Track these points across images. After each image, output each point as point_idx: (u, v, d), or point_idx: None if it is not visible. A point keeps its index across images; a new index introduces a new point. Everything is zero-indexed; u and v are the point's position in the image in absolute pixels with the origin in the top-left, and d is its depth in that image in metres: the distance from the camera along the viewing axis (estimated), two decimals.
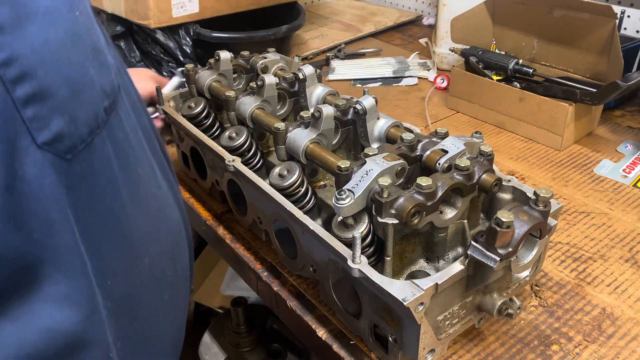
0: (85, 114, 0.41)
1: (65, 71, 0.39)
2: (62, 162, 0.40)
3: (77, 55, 0.40)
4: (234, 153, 0.83)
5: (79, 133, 0.41)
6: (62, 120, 0.39)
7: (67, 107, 0.39)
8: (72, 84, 0.40)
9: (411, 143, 0.71)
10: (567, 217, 0.90)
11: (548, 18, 1.14)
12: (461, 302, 0.63)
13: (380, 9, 1.97)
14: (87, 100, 0.41)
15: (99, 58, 0.44)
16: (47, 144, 0.38)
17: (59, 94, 0.39)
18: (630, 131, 1.14)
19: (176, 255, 0.58)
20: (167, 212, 0.57)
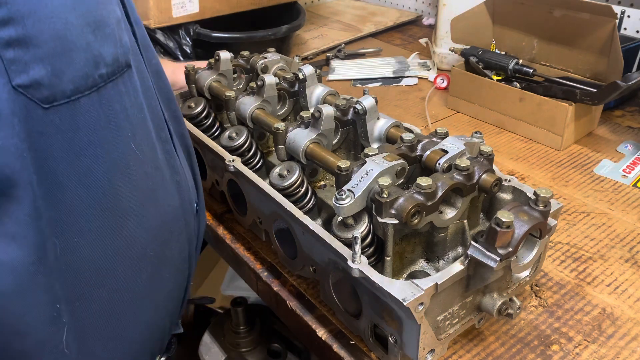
0: (73, 72, 0.43)
1: (58, 27, 0.41)
2: (37, 108, 0.42)
3: (76, 18, 0.42)
4: (234, 153, 0.83)
5: (61, 87, 0.43)
6: (43, 70, 0.41)
7: (52, 60, 0.41)
8: (63, 41, 0.42)
9: (411, 143, 0.71)
10: (567, 217, 0.90)
11: (548, 18, 1.14)
12: (461, 302, 0.63)
13: (380, 9, 1.97)
14: (78, 60, 0.43)
15: (104, 30, 0.46)
16: (22, 87, 0.40)
17: (46, 46, 0.41)
18: (630, 131, 1.14)
19: (165, 239, 0.59)
20: (160, 194, 0.58)
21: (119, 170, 0.50)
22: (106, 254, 0.51)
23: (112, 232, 0.51)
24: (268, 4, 1.47)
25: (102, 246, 0.50)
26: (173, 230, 0.61)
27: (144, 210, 0.55)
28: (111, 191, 0.50)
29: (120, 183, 0.51)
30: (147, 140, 0.55)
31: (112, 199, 0.50)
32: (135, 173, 0.52)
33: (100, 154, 0.48)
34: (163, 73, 0.64)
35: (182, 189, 0.64)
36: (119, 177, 0.50)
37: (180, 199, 0.63)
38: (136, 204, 0.53)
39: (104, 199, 0.49)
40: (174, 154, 0.63)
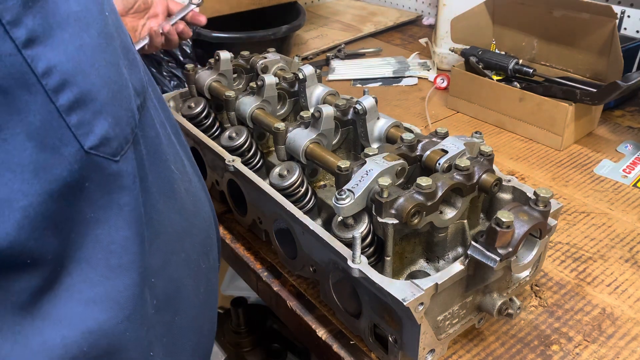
0: (126, 113, 0.41)
1: (103, 73, 0.39)
2: (111, 164, 0.40)
3: (111, 55, 0.40)
4: (234, 153, 0.83)
5: (124, 133, 0.41)
6: (106, 123, 0.39)
7: (109, 109, 0.39)
8: (111, 84, 0.40)
9: (411, 143, 0.71)
10: (567, 217, 0.90)
11: (548, 18, 1.14)
12: (461, 302, 0.63)
13: (380, 9, 1.97)
14: (125, 99, 0.41)
15: (129, 57, 0.44)
16: (94, 148, 0.38)
17: (100, 97, 0.38)
18: (630, 131, 1.14)
19: (208, 247, 0.59)
20: (199, 206, 0.57)
21: (169, 197, 0.49)
22: (174, 284, 0.50)
23: (173, 259, 0.50)
24: (268, 4, 1.47)
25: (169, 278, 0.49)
26: (211, 235, 0.61)
27: (193, 227, 0.54)
28: (163, 221, 0.48)
29: (170, 210, 0.49)
30: (176, 156, 0.54)
31: (167, 228, 0.49)
32: (179, 194, 0.51)
33: (155, 188, 0.46)
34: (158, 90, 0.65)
35: (206, 192, 0.63)
36: (170, 204, 0.49)
37: (209, 203, 0.62)
38: (186, 224, 0.52)
39: (161, 231, 0.48)
40: (192, 156, 0.63)
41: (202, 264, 0.56)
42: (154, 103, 0.50)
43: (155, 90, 0.54)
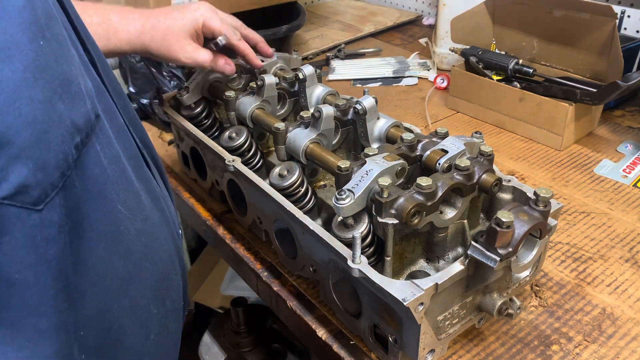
0: (54, 156, 0.36)
1: (26, 112, 0.34)
2: (32, 214, 0.35)
3: (40, 91, 0.35)
4: (234, 153, 0.83)
5: (49, 179, 0.36)
6: (25, 169, 0.34)
7: (31, 153, 0.34)
8: (35, 124, 0.35)
9: (411, 143, 0.71)
10: (567, 217, 0.90)
11: (548, 18, 1.14)
12: (461, 302, 0.63)
13: (380, 9, 1.97)
14: (55, 140, 0.36)
15: (71, 89, 0.39)
16: (8, 198, 0.34)
17: (19, 140, 0.34)
18: (630, 131, 1.14)
19: (165, 289, 0.54)
20: (154, 246, 0.52)
21: (111, 241, 0.45)
22: (113, 334, 0.47)
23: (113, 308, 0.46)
24: (268, 4, 1.47)
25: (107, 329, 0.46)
26: (170, 276, 0.56)
27: (142, 270, 0.50)
28: (102, 267, 0.44)
29: (114, 254, 0.45)
30: (130, 193, 0.48)
31: (106, 275, 0.45)
32: (126, 236, 0.47)
33: (93, 233, 0.42)
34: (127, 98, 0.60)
35: (169, 222, 0.58)
36: (113, 248, 0.45)
37: (171, 237, 0.57)
38: (132, 268, 0.48)
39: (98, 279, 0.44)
40: (154, 184, 0.57)
41: (153, 310, 0.52)
42: (108, 135, 0.45)
43: (113, 118, 0.49)
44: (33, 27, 0.35)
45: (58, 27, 0.39)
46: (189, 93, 0.93)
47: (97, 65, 0.51)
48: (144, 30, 0.82)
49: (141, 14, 0.84)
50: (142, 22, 0.83)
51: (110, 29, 0.81)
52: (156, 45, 0.83)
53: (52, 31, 0.38)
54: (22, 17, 0.34)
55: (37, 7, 0.36)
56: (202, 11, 0.86)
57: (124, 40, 0.82)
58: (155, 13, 0.85)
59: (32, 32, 0.35)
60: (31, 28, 0.35)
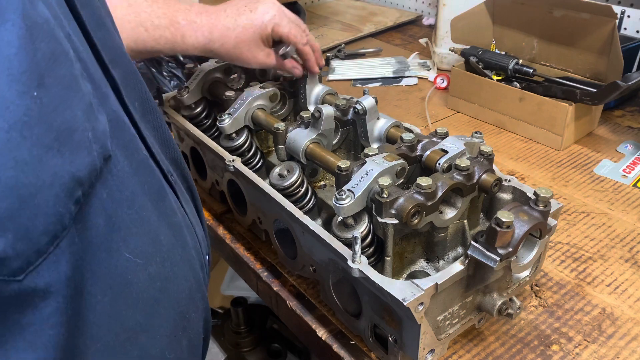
0: (43, 220, 0.32)
1: (8, 176, 0.30)
2: (10, 284, 0.32)
3: (28, 150, 0.31)
4: (234, 153, 0.83)
5: (35, 247, 0.32)
6: (2, 241, 0.30)
7: (11, 224, 0.31)
8: (19, 189, 0.31)
9: (411, 143, 0.71)
10: (567, 217, 0.90)
11: (548, 18, 1.14)
12: (461, 302, 0.63)
13: (380, 9, 1.97)
14: (45, 203, 0.32)
15: (73, 139, 0.34)
16: None
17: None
18: (630, 131, 1.14)
19: (181, 331, 0.50)
20: (171, 288, 0.48)
21: (117, 293, 0.41)
22: None
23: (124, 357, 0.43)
24: None
25: None
26: (189, 315, 0.52)
27: (154, 318, 0.46)
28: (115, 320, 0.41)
29: (121, 305, 0.41)
30: (145, 236, 0.44)
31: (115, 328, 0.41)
32: (137, 285, 0.43)
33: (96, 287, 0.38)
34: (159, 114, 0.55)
35: (193, 255, 0.54)
36: (119, 300, 0.41)
37: (192, 272, 0.53)
38: (144, 317, 0.44)
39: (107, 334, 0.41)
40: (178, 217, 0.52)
41: (168, 355, 0.48)
42: (121, 176, 0.41)
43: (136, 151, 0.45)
44: (25, 77, 0.31)
45: (65, 66, 0.35)
46: (189, 93, 0.93)
47: (119, 86, 0.46)
48: (213, 38, 0.82)
49: (208, 16, 0.82)
50: (210, 29, 0.82)
51: (177, 33, 0.80)
52: (227, 53, 0.84)
53: (55, 74, 0.34)
54: (11, 68, 0.30)
55: (37, 50, 0.32)
56: (270, 15, 0.84)
57: (191, 45, 0.82)
58: (223, 16, 0.83)
59: (23, 83, 0.31)
60: (22, 79, 0.31)
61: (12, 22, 0.30)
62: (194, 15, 0.82)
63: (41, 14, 0.33)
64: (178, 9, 0.81)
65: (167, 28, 0.79)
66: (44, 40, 0.33)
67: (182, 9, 0.82)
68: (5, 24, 0.30)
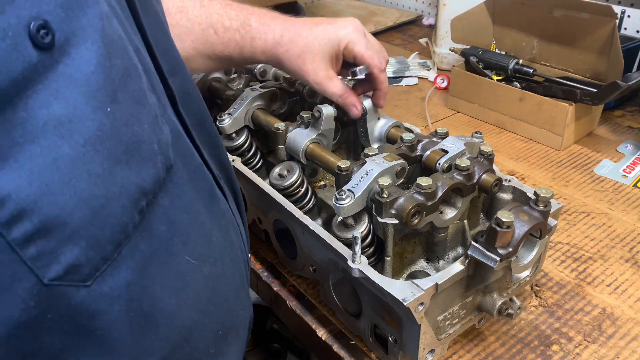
0: (110, 230, 0.34)
1: (82, 188, 0.32)
2: (80, 290, 0.33)
3: (99, 164, 0.33)
4: (234, 153, 0.83)
5: (102, 254, 0.34)
6: (76, 249, 0.32)
7: (84, 232, 0.32)
8: (92, 201, 0.32)
9: (411, 143, 0.71)
10: (567, 217, 0.90)
11: (548, 18, 1.14)
12: (461, 302, 0.63)
13: (380, 9, 1.97)
14: (114, 214, 0.34)
15: (141, 151, 0.36)
16: (57, 279, 0.32)
17: (72, 220, 0.32)
18: (630, 131, 1.14)
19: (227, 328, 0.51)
20: (221, 287, 0.49)
21: (178, 292, 0.42)
22: None
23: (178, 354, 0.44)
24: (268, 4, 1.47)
25: None
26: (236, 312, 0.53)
27: (206, 315, 0.47)
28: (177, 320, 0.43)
29: (182, 305, 0.43)
30: (201, 238, 0.46)
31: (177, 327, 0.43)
32: (194, 285, 0.44)
33: (163, 290, 0.40)
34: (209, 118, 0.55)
35: (239, 255, 0.55)
36: (181, 301, 0.43)
37: (238, 272, 0.54)
38: (198, 315, 0.46)
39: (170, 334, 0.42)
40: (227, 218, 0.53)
41: (210, 350, 0.49)
42: (181, 183, 0.43)
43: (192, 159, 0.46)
44: (101, 93, 0.32)
45: (136, 80, 0.36)
46: None
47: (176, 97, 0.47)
48: (282, 41, 0.76)
49: (283, 21, 0.77)
50: (281, 32, 0.76)
51: (247, 35, 0.76)
52: (289, 60, 0.76)
53: (127, 89, 0.35)
54: (89, 85, 0.32)
55: (113, 66, 0.33)
56: (348, 31, 0.76)
57: (258, 49, 0.76)
58: (299, 23, 0.77)
59: (98, 99, 0.32)
60: (98, 95, 0.32)
61: (92, 40, 0.32)
62: (268, 19, 0.77)
63: (116, 31, 0.35)
64: (252, 12, 0.77)
65: (238, 30, 0.75)
66: (118, 56, 0.34)
67: (256, 13, 0.77)
68: (86, 42, 0.31)
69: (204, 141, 0.52)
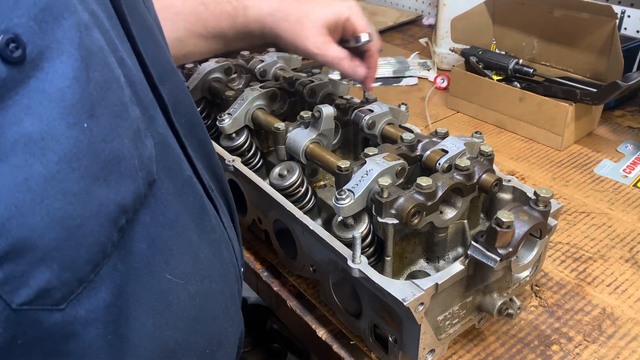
0: (87, 250, 0.33)
1: (56, 208, 0.30)
2: (53, 314, 0.32)
3: (77, 181, 0.31)
4: (234, 153, 0.83)
5: (77, 276, 0.33)
6: (48, 272, 0.31)
7: (57, 254, 0.31)
8: (66, 220, 0.31)
9: (411, 143, 0.71)
10: (567, 217, 0.90)
11: (548, 18, 1.14)
12: (461, 302, 0.63)
13: (380, 9, 1.97)
14: (91, 234, 0.33)
15: (120, 167, 0.34)
16: (27, 304, 0.30)
17: (44, 242, 0.30)
18: (630, 131, 1.14)
19: (216, 346, 0.50)
20: (208, 304, 0.47)
21: (159, 314, 0.40)
22: None
23: None
24: None
25: None
26: (224, 329, 0.52)
27: (192, 335, 0.45)
28: (157, 341, 0.41)
29: (163, 325, 0.41)
30: (186, 255, 0.44)
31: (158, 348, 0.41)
32: (178, 304, 0.42)
33: (139, 310, 0.38)
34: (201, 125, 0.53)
35: (230, 270, 0.53)
36: (161, 320, 0.41)
37: (228, 288, 0.52)
38: (182, 336, 0.44)
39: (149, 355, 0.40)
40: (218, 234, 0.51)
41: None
42: (165, 198, 0.41)
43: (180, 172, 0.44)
44: (77, 108, 0.31)
45: (116, 94, 0.34)
46: None
47: (167, 105, 0.45)
48: (280, 7, 0.72)
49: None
50: (279, 2, 0.73)
51: (240, 5, 0.72)
52: (287, 26, 0.72)
53: (106, 102, 0.33)
54: (64, 100, 0.30)
55: (91, 80, 0.32)
56: (350, 5, 0.75)
57: (252, 17, 0.72)
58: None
59: (74, 115, 0.31)
60: (74, 111, 0.31)
61: (67, 54, 0.30)
62: None
63: (96, 42, 0.33)
64: None
65: (229, 2, 0.72)
66: (97, 69, 0.33)
67: None
68: (61, 56, 0.30)
69: (196, 150, 0.51)
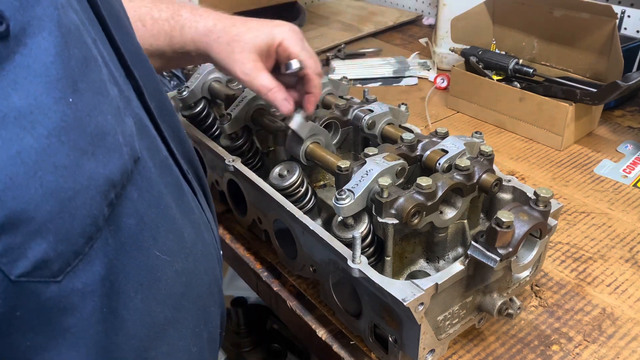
0: (80, 222, 0.33)
1: (49, 181, 0.31)
2: (50, 286, 0.33)
3: (67, 154, 0.32)
4: (234, 153, 0.83)
5: (73, 248, 0.33)
6: (44, 243, 0.31)
7: (52, 225, 0.32)
8: (59, 193, 0.32)
9: (411, 143, 0.71)
10: (567, 217, 0.90)
11: (548, 18, 1.14)
12: (461, 302, 0.63)
13: (380, 9, 1.97)
14: (83, 206, 0.33)
15: (105, 142, 0.35)
16: (25, 275, 0.31)
17: (39, 214, 0.31)
18: (630, 131, 1.14)
19: (203, 324, 0.51)
20: (194, 282, 0.49)
21: (148, 289, 0.41)
22: None
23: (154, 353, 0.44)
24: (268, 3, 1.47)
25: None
26: (209, 308, 0.53)
27: (180, 312, 0.46)
28: (147, 317, 0.42)
29: (152, 301, 0.42)
30: (171, 233, 0.45)
31: (147, 323, 0.42)
32: (165, 281, 0.44)
33: (129, 285, 0.39)
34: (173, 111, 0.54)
35: (211, 250, 0.54)
36: (150, 296, 0.42)
37: (211, 268, 0.54)
38: (171, 312, 0.45)
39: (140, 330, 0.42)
40: (197, 214, 0.52)
41: (192, 348, 0.49)
42: (149, 176, 0.42)
43: (158, 151, 0.45)
44: (62, 83, 0.32)
45: (96, 71, 0.35)
46: (189, 93, 0.93)
47: (142, 87, 0.46)
48: (214, 29, 0.71)
49: (217, 15, 0.74)
50: (214, 22, 0.72)
51: (177, 24, 0.72)
52: (218, 48, 0.71)
53: (87, 79, 0.34)
54: (48, 75, 0.31)
55: (72, 56, 0.33)
56: (283, 29, 0.72)
57: (188, 37, 0.72)
58: (234, 18, 0.74)
59: (59, 90, 0.32)
60: (59, 85, 0.31)
61: (48, 30, 0.31)
62: (201, 11, 0.73)
63: (72, 21, 0.34)
64: (184, 6, 0.74)
65: (167, 21, 0.72)
66: (76, 46, 0.33)
67: (189, 7, 0.74)
68: (43, 32, 0.31)
69: (170, 134, 0.51)
